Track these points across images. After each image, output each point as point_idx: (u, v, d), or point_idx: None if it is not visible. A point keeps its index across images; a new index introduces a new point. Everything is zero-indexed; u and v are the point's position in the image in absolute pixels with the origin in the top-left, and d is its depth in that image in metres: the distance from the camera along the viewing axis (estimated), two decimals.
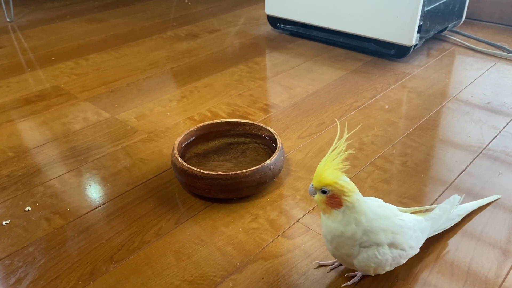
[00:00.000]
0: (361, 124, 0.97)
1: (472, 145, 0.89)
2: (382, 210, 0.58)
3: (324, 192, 0.54)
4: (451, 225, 0.68)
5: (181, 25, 1.65)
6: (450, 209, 0.66)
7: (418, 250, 0.62)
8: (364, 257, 0.56)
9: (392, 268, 0.60)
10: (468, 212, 0.71)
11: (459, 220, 0.69)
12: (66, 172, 0.85)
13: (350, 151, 0.54)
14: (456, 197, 0.67)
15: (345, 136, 0.54)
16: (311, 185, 0.55)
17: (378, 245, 0.55)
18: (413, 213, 0.65)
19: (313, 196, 0.56)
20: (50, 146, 0.93)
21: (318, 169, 0.54)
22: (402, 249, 0.58)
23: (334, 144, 0.54)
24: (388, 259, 0.57)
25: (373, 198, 0.61)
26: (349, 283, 0.61)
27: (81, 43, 1.51)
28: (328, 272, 0.63)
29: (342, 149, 0.53)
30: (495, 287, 0.60)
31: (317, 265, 0.63)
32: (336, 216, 0.55)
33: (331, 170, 0.53)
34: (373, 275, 0.61)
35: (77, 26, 1.68)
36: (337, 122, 0.61)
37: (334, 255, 0.59)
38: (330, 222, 0.55)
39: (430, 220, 0.63)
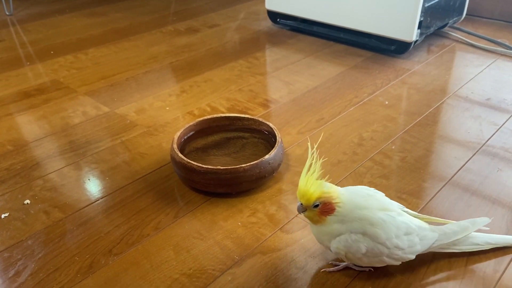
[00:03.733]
0: (361, 119, 0.97)
1: (471, 141, 0.89)
2: (365, 200, 0.58)
3: (316, 206, 0.57)
4: (475, 250, 0.63)
5: (181, 19, 1.65)
6: (471, 228, 0.61)
7: (413, 256, 0.59)
8: (336, 240, 0.58)
9: (373, 263, 0.59)
10: (501, 245, 0.64)
11: (488, 248, 0.64)
12: (65, 166, 0.85)
13: (321, 160, 0.57)
14: (483, 220, 0.63)
15: (318, 158, 0.56)
16: (299, 203, 0.58)
17: (351, 232, 0.57)
18: (430, 222, 0.62)
19: (303, 213, 0.58)
20: (49, 140, 0.93)
21: (302, 189, 0.56)
22: (381, 244, 0.57)
23: (308, 160, 0.56)
24: (361, 247, 0.57)
25: (366, 187, 0.61)
26: (329, 269, 0.62)
27: (80, 37, 1.50)
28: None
29: (317, 168, 0.56)
30: (493, 282, 0.60)
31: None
32: (330, 220, 0.57)
33: (314, 186, 0.56)
34: (348, 262, 0.60)
35: (77, 20, 1.67)
36: (308, 141, 0.61)
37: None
38: (323, 228, 0.58)
39: (437, 231, 0.60)
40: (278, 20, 1.52)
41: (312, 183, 0.56)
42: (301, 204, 0.57)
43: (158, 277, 0.62)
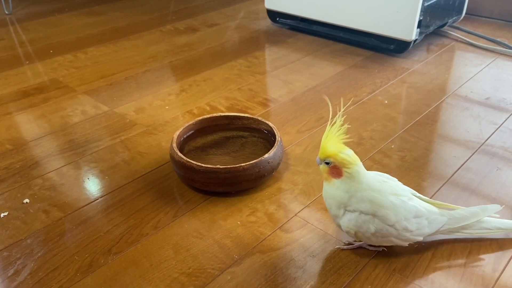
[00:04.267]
0: (360, 119, 0.97)
1: (470, 141, 0.89)
2: (380, 184, 0.61)
3: (327, 163, 0.60)
4: (486, 236, 0.65)
5: (181, 18, 1.65)
6: (481, 214, 0.63)
7: (421, 238, 0.61)
8: (347, 218, 0.61)
9: (381, 242, 0.61)
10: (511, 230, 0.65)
11: (499, 234, 0.65)
12: (64, 165, 0.85)
13: (346, 125, 0.59)
14: (494, 207, 0.64)
15: (341, 111, 0.59)
16: (317, 156, 0.61)
17: (361, 212, 0.59)
18: (441, 207, 0.64)
19: (319, 165, 0.62)
20: (49, 139, 0.93)
21: (322, 141, 0.59)
22: (391, 226, 0.59)
23: (330, 118, 0.59)
24: (370, 228, 0.59)
25: (382, 173, 0.63)
26: (344, 247, 0.65)
27: (79, 36, 1.50)
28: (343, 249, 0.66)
29: (341, 123, 0.58)
30: (492, 281, 0.60)
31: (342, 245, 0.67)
32: (335, 184, 0.60)
33: (334, 142, 0.59)
34: (356, 240, 0.63)
35: (76, 19, 1.67)
36: (327, 99, 0.63)
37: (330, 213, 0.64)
38: (328, 188, 0.61)
39: (447, 216, 0.62)
40: (277, 19, 1.52)
41: (331, 140, 0.58)
42: (318, 157, 0.60)
43: (158, 276, 0.62)
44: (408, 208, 0.60)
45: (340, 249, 0.65)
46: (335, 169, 0.59)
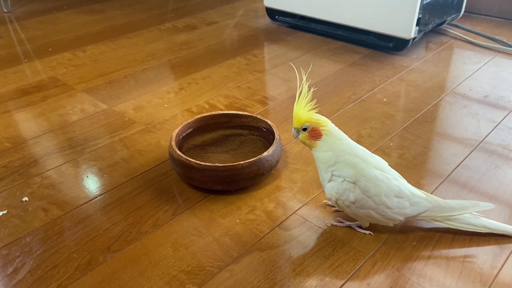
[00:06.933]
0: (359, 117, 0.98)
1: (469, 138, 0.89)
2: (363, 152, 0.63)
3: (304, 129, 0.64)
4: (470, 230, 0.65)
5: (179, 16, 1.65)
6: (470, 209, 0.63)
7: (402, 218, 0.63)
8: (331, 184, 0.64)
9: (361, 214, 0.63)
10: (499, 231, 0.65)
11: (484, 231, 0.65)
12: (63, 163, 0.85)
13: (312, 89, 0.63)
14: (486, 204, 0.64)
15: (305, 78, 0.63)
16: (293, 128, 0.65)
17: (345, 179, 0.62)
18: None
19: (298, 138, 0.65)
20: (47, 137, 0.93)
21: (294, 112, 0.64)
22: (370, 197, 0.61)
23: (298, 89, 0.63)
24: (350, 196, 0.62)
25: (374, 155, 0.65)
26: (335, 223, 0.68)
27: (78, 34, 1.50)
28: (333, 212, 0.71)
29: (305, 92, 0.63)
30: (490, 278, 0.60)
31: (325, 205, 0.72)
32: (320, 146, 0.64)
33: (304, 110, 0.63)
34: (337, 207, 0.66)
35: (75, 17, 1.67)
36: (294, 67, 0.68)
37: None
38: (315, 152, 0.65)
39: (432, 202, 0.63)
40: (276, 17, 1.52)
41: (302, 108, 0.63)
42: (294, 128, 0.65)
43: (157, 274, 0.62)
44: (391, 186, 0.61)
45: (332, 226, 0.68)
46: (314, 131, 0.63)
